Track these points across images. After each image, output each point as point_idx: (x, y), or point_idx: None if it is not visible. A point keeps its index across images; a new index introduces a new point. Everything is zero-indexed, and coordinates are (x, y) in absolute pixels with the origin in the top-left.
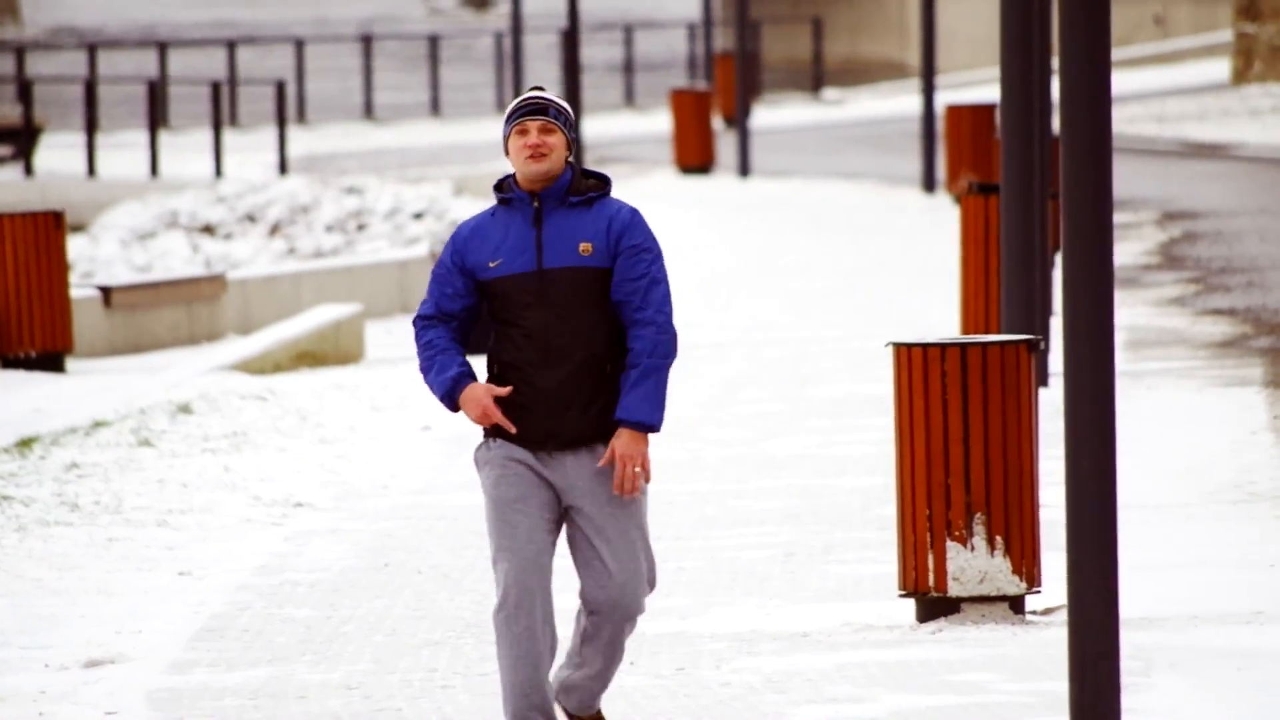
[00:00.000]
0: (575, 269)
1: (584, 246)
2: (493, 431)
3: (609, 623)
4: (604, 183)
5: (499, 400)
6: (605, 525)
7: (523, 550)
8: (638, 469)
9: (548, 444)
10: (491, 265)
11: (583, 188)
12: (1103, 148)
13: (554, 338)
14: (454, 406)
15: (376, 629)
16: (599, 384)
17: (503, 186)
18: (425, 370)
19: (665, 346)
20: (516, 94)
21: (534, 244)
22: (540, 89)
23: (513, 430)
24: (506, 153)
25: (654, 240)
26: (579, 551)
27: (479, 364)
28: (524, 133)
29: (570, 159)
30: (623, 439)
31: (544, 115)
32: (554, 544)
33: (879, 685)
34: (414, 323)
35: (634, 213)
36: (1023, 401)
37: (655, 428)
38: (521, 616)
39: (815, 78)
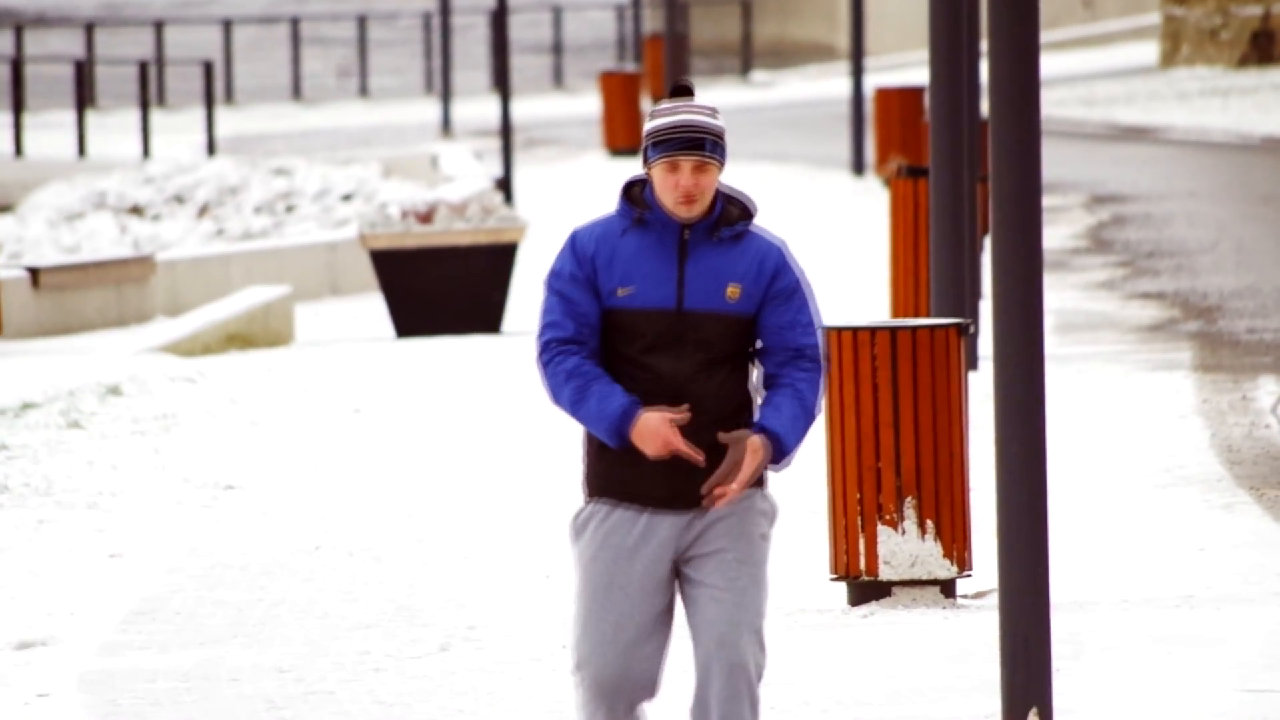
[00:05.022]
0: (720, 314)
1: (732, 290)
2: (598, 489)
3: (711, 686)
4: (748, 212)
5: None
6: (714, 575)
7: (610, 644)
8: (733, 486)
9: (675, 503)
10: (620, 293)
11: (733, 218)
12: (1031, 131)
13: (687, 387)
14: (623, 442)
15: (308, 612)
16: None
17: (636, 198)
18: (576, 403)
19: (820, 389)
20: (445, 76)
21: (676, 280)
22: (687, 93)
23: (700, 462)
24: (644, 164)
25: (803, 274)
26: (690, 606)
27: None
28: (674, 168)
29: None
30: (754, 443)
31: (699, 152)
32: (657, 626)
33: (810, 668)
34: (543, 347)
35: (784, 249)
36: (952, 385)
37: (788, 455)
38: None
39: (744, 60)
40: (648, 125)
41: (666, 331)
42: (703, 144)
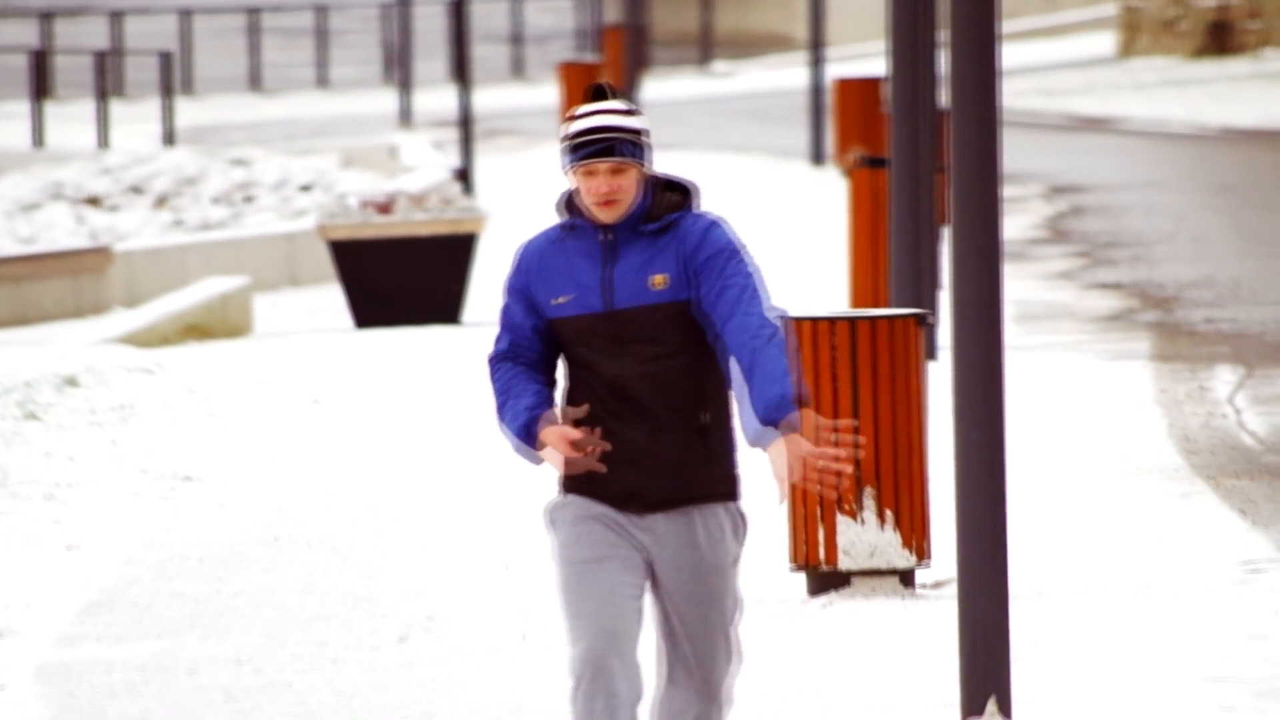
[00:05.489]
0: (650, 307)
1: (655, 279)
2: (569, 485)
3: (690, 708)
4: (686, 195)
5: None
6: (683, 606)
7: (598, 618)
8: (821, 463)
9: (630, 504)
10: (556, 302)
11: (660, 211)
12: (990, 121)
13: (635, 389)
14: (538, 460)
15: (266, 603)
16: (695, 439)
17: (570, 206)
18: (500, 420)
19: (769, 328)
20: (404, 66)
21: (600, 282)
22: (602, 95)
23: (602, 469)
24: (565, 171)
25: (736, 241)
26: (659, 623)
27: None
28: (591, 174)
29: (647, 175)
30: (776, 449)
31: (611, 156)
32: (639, 608)
33: (769, 658)
34: (488, 362)
35: (712, 223)
36: (912, 375)
37: (799, 400)
38: (600, 695)
39: (704, 50)
40: (564, 131)
41: (604, 334)
42: (614, 147)
